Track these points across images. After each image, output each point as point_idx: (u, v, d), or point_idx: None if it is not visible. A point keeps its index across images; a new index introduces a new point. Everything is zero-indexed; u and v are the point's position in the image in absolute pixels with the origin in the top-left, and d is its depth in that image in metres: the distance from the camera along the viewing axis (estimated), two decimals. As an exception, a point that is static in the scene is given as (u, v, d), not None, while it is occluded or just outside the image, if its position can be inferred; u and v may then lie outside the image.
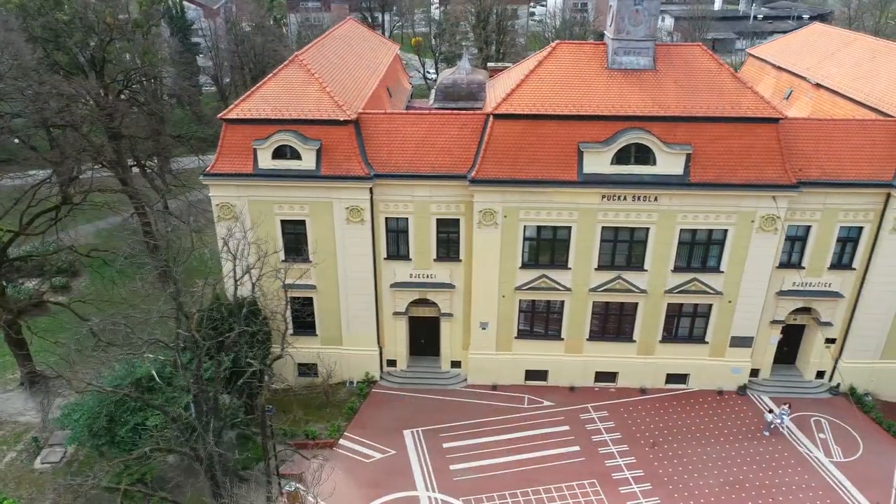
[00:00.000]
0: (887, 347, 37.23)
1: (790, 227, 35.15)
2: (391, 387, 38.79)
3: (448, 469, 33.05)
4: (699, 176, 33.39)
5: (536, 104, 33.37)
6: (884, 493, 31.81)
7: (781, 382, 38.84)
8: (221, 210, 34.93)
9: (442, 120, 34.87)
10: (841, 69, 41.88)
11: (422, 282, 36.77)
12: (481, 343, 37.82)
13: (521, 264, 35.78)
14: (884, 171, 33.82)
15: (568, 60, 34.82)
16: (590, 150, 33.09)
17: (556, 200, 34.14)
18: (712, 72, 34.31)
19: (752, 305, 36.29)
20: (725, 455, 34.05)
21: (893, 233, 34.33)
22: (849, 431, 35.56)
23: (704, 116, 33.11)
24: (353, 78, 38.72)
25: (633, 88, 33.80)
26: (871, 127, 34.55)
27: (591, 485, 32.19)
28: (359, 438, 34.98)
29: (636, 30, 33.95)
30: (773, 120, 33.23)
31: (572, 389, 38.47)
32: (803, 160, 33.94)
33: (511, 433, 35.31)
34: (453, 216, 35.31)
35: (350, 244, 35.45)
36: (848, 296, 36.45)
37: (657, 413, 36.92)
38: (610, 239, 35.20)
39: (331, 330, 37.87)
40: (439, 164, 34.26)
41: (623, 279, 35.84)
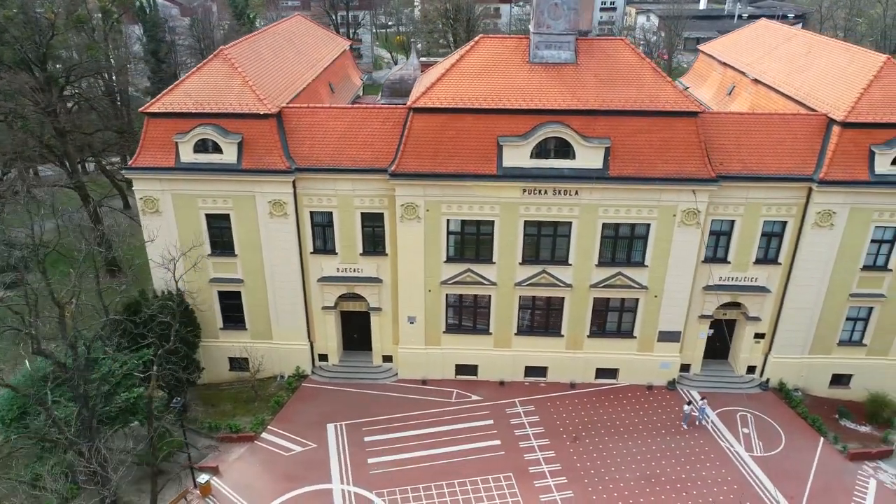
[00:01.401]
0: (815, 343, 37.18)
1: (714, 221, 35.14)
2: (322, 381, 38.82)
3: (366, 462, 33.08)
4: (619, 170, 33.38)
5: (456, 98, 33.40)
6: (799, 487, 31.79)
7: (712, 377, 38.81)
8: (145, 203, 34.99)
9: (364, 114, 34.90)
10: (778, 64, 41.92)
11: (349, 276, 36.80)
12: (410, 338, 37.84)
13: (445, 258, 35.79)
14: (805, 166, 33.79)
15: (490, 54, 34.83)
16: (509, 143, 33.10)
17: (477, 194, 34.15)
18: (633, 66, 34.30)
19: (678, 300, 36.27)
20: (646, 449, 34.03)
21: (816, 227, 34.28)
22: (773, 426, 35.53)
23: (623, 110, 33.12)
24: (285, 72, 38.75)
25: (553, 82, 33.81)
26: (792, 121, 34.53)
27: (507, 478, 32.19)
28: (281, 432, 35.01)
29: (556, 24, 33.97)
30: (692, 114, 33.23)
31: (502, 384, 38.47)
32: (724, 154, 33.92)
33: (434, 427, 35.33)
34: (377, 210, 35.33)
35: (274, 238, 35.48)
36: (775, 290, 36.42)
37: (584, 408, 36.91)
38: (533, 233, 35.19)
39: (260, 324, 37.91)
40: (361, 157, 34.28)
41: (548, 273, 35.83)
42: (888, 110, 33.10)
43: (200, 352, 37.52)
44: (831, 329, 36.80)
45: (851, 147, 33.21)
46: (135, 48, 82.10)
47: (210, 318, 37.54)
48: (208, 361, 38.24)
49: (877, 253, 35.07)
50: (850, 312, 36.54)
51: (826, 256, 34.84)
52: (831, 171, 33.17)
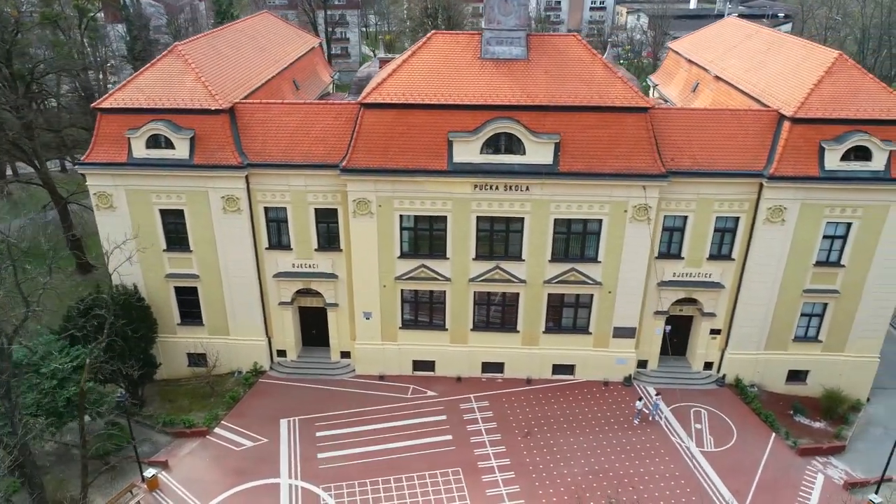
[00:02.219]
0: (771, 339, 37.21)
1: (667, 217, 35.19)
2: (280, 377, 38.89)
3: (315, 457, 33.15)
4: (569, 165, 33.43)
5: (406, 93, 33.47)
6: (745, 482, 31.82)
7: (669, 373, 38.84)
8: (99, 199, 35.08)
9: (316, 109, 35.00)
10: (739, 61, 42.00)
11: (304, 272, 36.88)
12: (366, 333, 37.92)
13: (399, 254, 35.86)
14: (756, 161, 33.84)
15: (442, 50, 34.90)
16: (458, 139, 33.16)
17: (428, 190, 34.22)
18: (584, 62, 34.36)
19: (632, 296, 36.32)
20: (597, 444, 34.08)
21: (767, 223, 34.32)
22: (726, 422, 35.57)
23: (572, 105, 33.18)
24: (243, 69, 38.84)
25: (504, 78, 33.88)
26: (743, 117, 34.56)
27: (455, 473, 32.25)
28: (234, 427, 35.11)
29: (506, 19, 34.03)
30: (642, 109, 33.27)
31: (459, 380, 38.53)
32: (675, 150, 33.96)
33: (387, 422, 35.39)
34: (331, 206, 35.41)
35: (228, 234, 35.57)
36: (729, 286, 36.47)
37: (539, 403, 36.95)
38: (486, 229, 35.26)
39: (217, 319, 37.98)
40: (313, 153, 34.37)
41: (502, 269, 35.88)
42: (838, 106, 33.13)
43: (158, 347, 37.63)
44: (786, 325, 36.83)
45: (801, 142, 33.25)
46: (121, 47, 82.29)
47: (167, 313, 37.62)
48: (166, 357, 38.35)
49: (829, 249, 35.09)
50: (805, 308, 36.57)
51: (778, 252, 34.88)
52: (781, 167, 33.22)
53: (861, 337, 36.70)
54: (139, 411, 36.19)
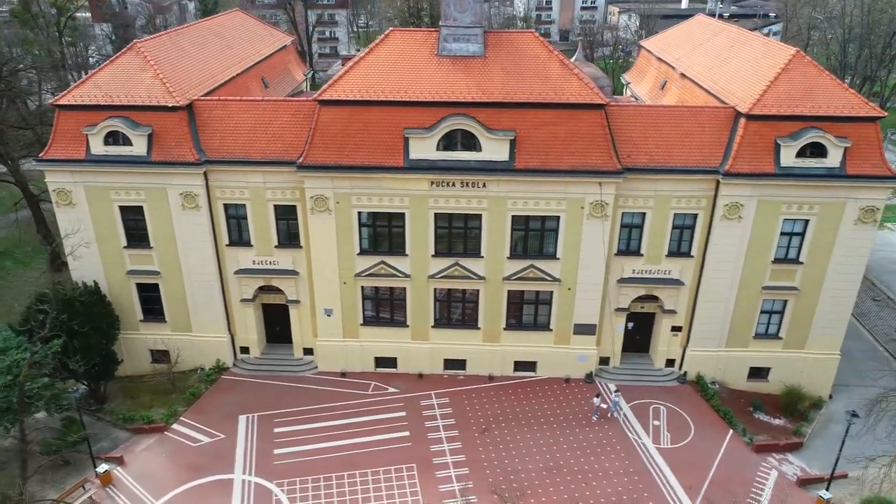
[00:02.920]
0: (731, 336, 37.23)
1: (625, 214, 35.22)
2: (243, 373, 38.97)
3: (272, 453, 33.22)
4: (524, 162, 33.48)
5: (362, 90, 33.54)
6: (699, 478, 31.85)
7: (631, 370, 38.87)
8: (58, 196, 35.16)
9: (274, 106, 35.09)
10: (703, 59, 42.05)
11: (265, 268, 36.95)
12: (328, 330, 37.98)
13: (359, 251, 35.92)
14: (712, 158, 33.87)
15: (399, 47, 34.97)
16: (414, 136, 33.21)
17: (385, 186, 34.28)
18: (541, 59, 34.42)
19: (592, 293, 36.34)
20: (553, 441, 34.12)
21: (724, 220, 34.35)
22: (684, 418, 35.60)
23: (528, 102, 33.22)
24: (206, 66, 38.92)
25: (460, 75, 33.94)
26: (700, 114, 34.61)
27: (409, 469, 32.29)
28: (193, 423, 35.18)
29: (462, 16, 34.10)
30: (598, 106, 33.30)
31: (421, 377, 38.58)
32: (632, 147, 33.99)
33: (346, 419, 35.45)
34: (290, 202, 35.48)
35: (188, 230, 35.63)
36: (689, 283, 36.48)
37: (500, 400, 36.99)
38: (444, 225, 35.30)
39: (179, 316, 38.06)
40: (271, 150, 34.45)
41: (461, 266, 35.93)
42: (793, 102, 33.15)
43: (121, 343, 37.72)
44: (747, 322, 36.83)
45: (757, 139, 33.28)
46: (108, 47, 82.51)
47: (129, 309, 37.71)
48: (129, 353, 38.45)
49: (787, 245, 35.08)
50: (765, 305, 36.57)
51: (736, 249, 34.90)
52: (737, 164, 33.24)
53: (821, 334, 36.69)
54: (101, 407, 36.33)
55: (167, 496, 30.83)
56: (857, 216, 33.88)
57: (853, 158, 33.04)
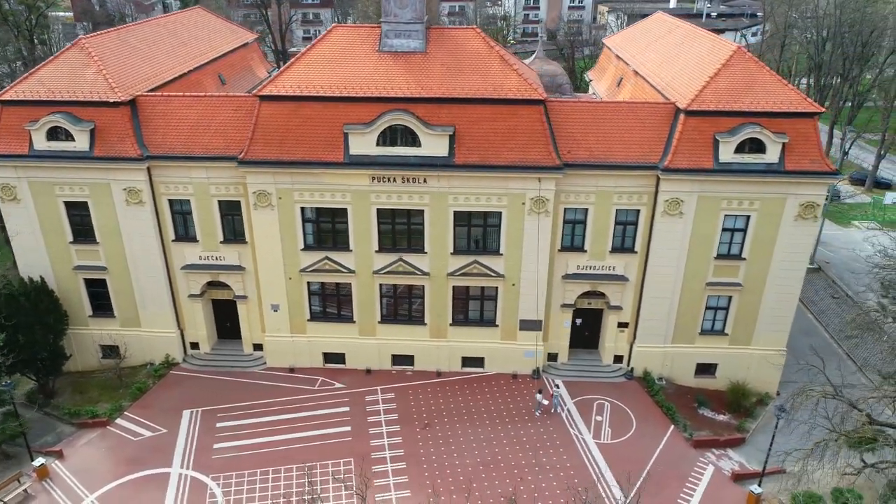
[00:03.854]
0: (677, 332, 37.28)
1: (568, 210, 35.28)
2: (192, 369, 39.06)
3: (211, 447, 33.31)
4: (464, 157, 33.55)
5: (302, 86, 33.63)
6: (635, 473, 31.74)
7: (579, 366, 38.93)
8: (2, 191, 35.28)
9: (217, 102, 35.19)
10: (655, 55, 42.15)
11: (212, 264, 37.05)
12: (276, 326, 38.08)
13: (303, 246, 36.00)
14: (652, 154, 33.92)
15: (341, 43, 35.07)
16: (354, 131, 33.30)
17: (326, 182, 34.38)
18: (481, 55, 34.49)
19: (536, 288, 36.37)
20: (495, 436, 34.17)
21: (665, 216, 34.39)
22: (627, 414, 35.65)
23: (467, 98, 33.29)
24: (155, 62, 39.01)
25: (400, 70, 34.02)
26: (640, 110, 34.67)
27: (346, 463, 32.37)
28: (136, 418, 35.28)
29: (403, 12, 34.19)
30: (536, 102, 33.36)
31: (369, 372, 38.66)
32: (572, 142, 34.06)
33: (290, 414, 35.56)
34: (234, 198, 35.58)
35: (133, 226, 35.74)
36: (633, 279, 36.53)
37: (446, 396, 37.06)
38: (387, 221, 35.39)
39: (128, 312, 38.16)
40: (213, 145, 34.54)
41: (405, 262, 36.01)
42: (732, 98, 33.20)
43: (70, 338, 37.85)
44: (692, 318, 36.89)
45: (696, 135, 33.32)
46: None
47: (78, 305, 37.82)
48: (79, 348, 38.58)
49: (730, 242, 35.15)
50: (710, 301, 36.63)
51: (678, 245, 34.95)
52: (676, 159, 33.29)
53: (767, 330, 36.72)
54: (49, 402, 36.45)
55: (102, 490, 30.93)
56: (798, 212, 33.94)
57: (792, 154, 33.09)
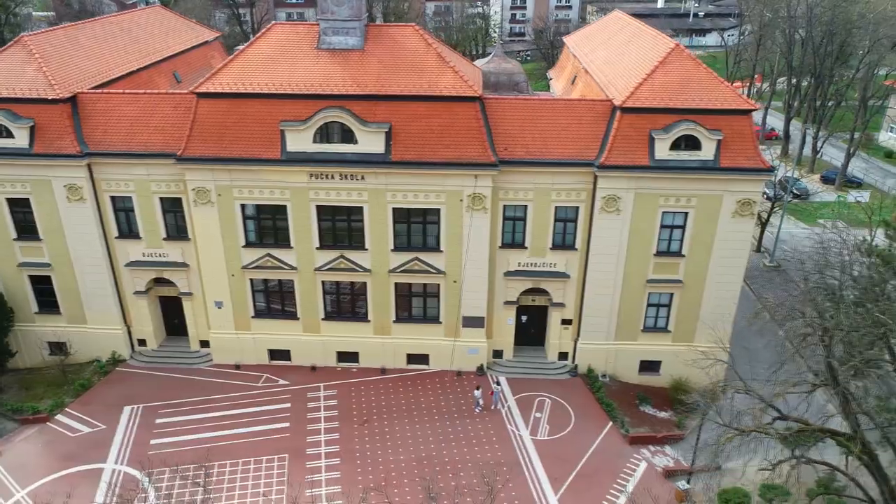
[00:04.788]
0: (620, 329, 37.34)
1: (507, 206, 35.36)
2: (139, 366, 39.19)
3: (148, 443, 33.44)
4: (400, 154, 33.65)
5: (239, 83, 33.76)
6: (567, 469, 31.97)
7: (524, 363, 39.00)
8: (-56, 188, 35.47)
9: (156, 99, 35.32)
10: (605, 54, 42.26)
11: (155, 261, 37.17)
12: (220, 322, 38.20)
13: (244, 243, 36.12)
14: (589, 151, 34.00)
15: (280, 41, 35.21)
16: (290, 128, 33.41)
17: (265, 179, 34.49)
18: (419, 52, 34.61)
19: (478, 285, 36.48)
20: (432, 433, 34.26)
21: (603, 213, 34.47)
22: (567, 411, 35.72)
23: (402, 95, 33.39)
24: (101, 60, 39.16)
25: (337, 68, 34.15)
26: (577, 107, 34.79)
27: (281, 459, 32.48)
28: (76, 414, 35.40)
29: (340, 10, 34.31)
30: (472, 99, 33.45)
31: (313, 369, 38.76)
32: (509, 140, 34.14)
33: (231, 410, 35.67)
34: (175, 195, 35.70)
35: (75, 223, 35.87)
36: (575, 276, 36.60)
37: (389, 393, 37.15)
38: (328, 218, 35.51)
39: (74, 308, 38.28)
40: (153, 142, 34.68)
41: (346, 258, 36.12)
42: (667, 95, 33.27)
43: (16, 335, 38.01)
44: (634, 315, 36.96)
45: (631, 132, 33.40)
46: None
47: (24, 301, 37.96)
48: (25, 345, 38.70)
49: (669, 239, 35.22)
50: (652, 299, 36.70)
51: (617, 242, 35.04)
52: (612, 156, 33.37)
53: (709, 327, 36.65)
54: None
55: (34, 485, 31.01)
56: (735, 209, 34.00)
57: (727, 151, 33.16)
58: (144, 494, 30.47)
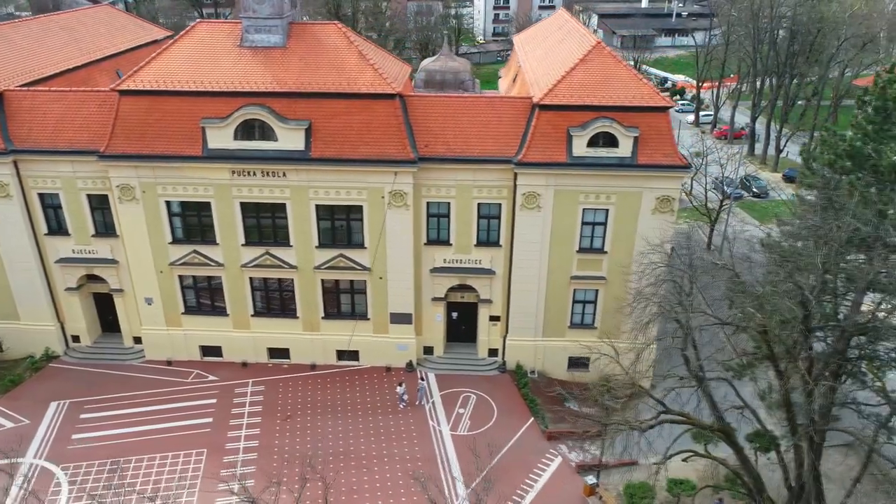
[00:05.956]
0: (547, 326, 37.53)
1: (431, 203, 35.56)
2: (72, 362, 39.43)
3: (69, 438, 33.65)
4: (320, 151, 33.86)
5: (160, 80, 33.99)
6: (482, 464, 31.95)
7: (455, 360, 39.20)
8: None
9: (82, 97, 35.57)
10: (540, 52, 42.44)
11: (85, 257, 37.40)
12: (151, 319, 38.42)
13: (171, 240, 36.34)
14: (509, 148, 34.19)
15: (203, 38, 35.45)
16: (210, 125, 33.64)
17: (188, 176, 34.71)
18: (340, 50, 34.82)
19: (404, 282, 36.67)
20: (353, 428, 34.46)
21: (524, 210, 34.66)
22: (491, 407, 35.89)
23: (322, 92, 33.60)
24: (34, 58, 39.40)
25: (259, 65, 34.37)
26: (498, 104, 34.97)
27: (199, 454, 32.67)
28: (3, 409, 35.57)
29: (261, 8, 34.52)
30: (390, 96, 33.65)
31: (245, 365, 38.97)
32: (430, 137, 34.35)
33: (157, 405, 35.86)
34: (101, 192, 35.94)
35: (2, 220, 36.04)
36: (501, 273, 36.79)
37: (316, 389, 37.36)
38: (252, 215, 35.71)
39: (5, 305, 38.50)
40: (78, 139, 34.92)
41: (272, 255, 36.32)
42: (585, 93, 33.47)
43: (-52, 332, 38.33)
44: (561, 312, 37.14)
45: (550, 129, 33.60)
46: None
47: (-49, 297, 38.26)
48: (-36, 341, 38.99)
49: (591, 235, 35.39)
50: (578, 295, 36.90)
51: (539, 238, 35.23)
52: (530, 153, 33.56)
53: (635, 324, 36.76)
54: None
55: (-51, 479, 31.25)
56: (655, 206, 34.17)
57: (644, 148, 33.34)
58: (58, 489, 30.69)
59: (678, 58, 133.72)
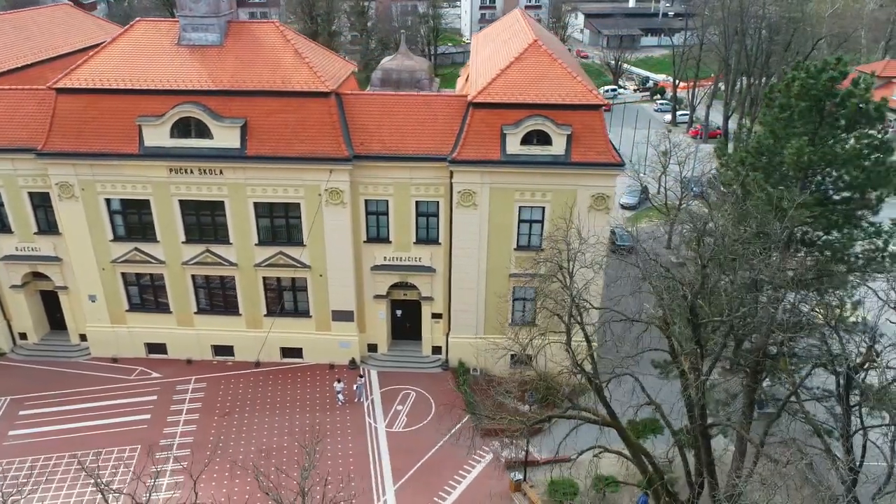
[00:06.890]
0: (489, 323, 37.57)
1: (369, 201, 35.70)
2: (19, 359, 39.62)
3: (6, 434, 33.84)
4: (256, 149, 34.01)
5: (97, 78, 34.16)
6: (413, 460, 32.31)
7: (399, 357, 39.33)
8: None
9: (22, 95, 35.79)
10: (488, 52, 42.53)
11: (28, 255, 37.59)
12: (96, 316, 38.58)
13: (112, 237, 36.52)
14: (444, 146, 34.31)
15: (141, 37, 35.60)
16: (146, 123, 33.81)
17: (126, 174, 34.88)
18: (276, 49, 34.97)
19: (344, 279, 36.81)
20: (290, 425, 34.61)
21: (461, 207, 34.78)
22: (429, 404, 36.01)
23: (256, 90, 33.75)
24: (-16, 57, 39.68)
25: (195, 64, 34.52)
26: (434, 103, 35.10)
27: (132, 450, 32.87)
28: (-58, 406, 35.89)
29: (197, 6, 34.68)
30: (324, 94, 33.79)
31: (189, 362, 39.12)
32: (365, 135, 34.48)
33: (97, 402, 36.08)
34: (42, 189, 36.13)
35: (-56, 217, 36.38)
36: (441, 270, 36.91)
37: (257, 386, 37.52)
38: (191, 212, 35.87)
39: (-48, 303, 38.80)
40: (18, 137, 35.11)
41: (212, 252, 36.48)
42: (519, 91, 33.56)
43: None
44: (501, 309, 37.16)
45: (484, 127, 33.71)
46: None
47: None
48: None
49: (529, 233, 35.48)
50: (518, 293, 36.96)
51: (476, 236, 35.34)
52: (464, 151, 33.68)
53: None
54: None
55: None
56: (590, 203, 34.25)
57: (578, 146, 33.42)
58: (-11, 484, 30.85)
59: (664, 57, 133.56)
